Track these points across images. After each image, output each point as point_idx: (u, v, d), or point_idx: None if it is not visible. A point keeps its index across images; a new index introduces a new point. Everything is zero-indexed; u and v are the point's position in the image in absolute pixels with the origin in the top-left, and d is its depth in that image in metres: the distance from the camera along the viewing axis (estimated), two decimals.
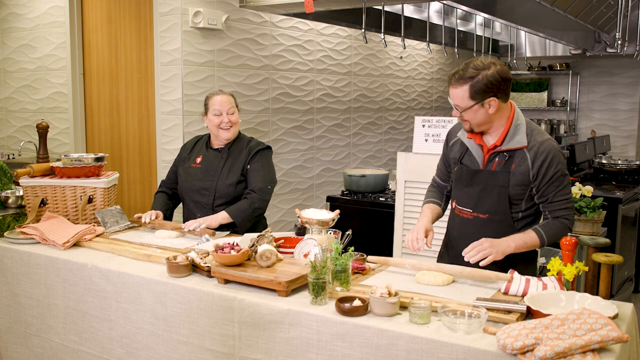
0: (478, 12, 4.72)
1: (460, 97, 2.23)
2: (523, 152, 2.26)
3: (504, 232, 2.29)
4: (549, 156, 2.24)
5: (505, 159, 2.29)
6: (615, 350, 1.60)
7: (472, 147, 2.37)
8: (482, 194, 2.34)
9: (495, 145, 2.29)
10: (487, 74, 2.18)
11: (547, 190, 2.26)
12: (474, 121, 2.27)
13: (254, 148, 3.03)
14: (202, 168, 3.03)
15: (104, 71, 4.62)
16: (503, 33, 7.38)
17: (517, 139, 2.26)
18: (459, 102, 2.25)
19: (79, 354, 2.53)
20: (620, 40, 4.42)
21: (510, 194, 2.29)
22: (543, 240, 2.26)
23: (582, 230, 3.77)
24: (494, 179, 2.30)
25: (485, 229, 2.33)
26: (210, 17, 4.07)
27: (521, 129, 2.28)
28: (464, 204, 2.41)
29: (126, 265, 2.41)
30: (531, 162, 2.24)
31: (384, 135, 6.23)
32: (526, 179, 2.26)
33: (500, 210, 2.32)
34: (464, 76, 2.20)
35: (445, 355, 1.69)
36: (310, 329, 1.91)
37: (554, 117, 7.88)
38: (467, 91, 2.21)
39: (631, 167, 5.35)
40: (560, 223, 2.28)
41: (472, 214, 2.38)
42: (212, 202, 2.97)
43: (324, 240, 2.30)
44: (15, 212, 3.12)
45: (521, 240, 2.24)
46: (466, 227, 2.40)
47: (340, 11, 4.81)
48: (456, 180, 2.45)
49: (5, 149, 5.24)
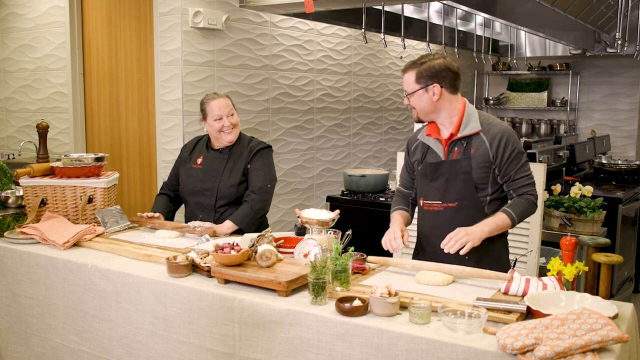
0: (478, 12, 4.72)
1: (407, 81, 2.40)
2: (479, 136, 2.38)
3: (474, 217, 2.36)
4: (504, 136, 2.36)
5: (463, 146, 2.39)
6: (615, 350, 1.61)
7: (432, 143, 2.47)
8: (447, 183, 2.42)
9: (452, 134, 2.41)
10: (433, 62, 2.36)
11: (508, 169, 2.37)
12: (419, 107, 2.40)
13: (254, 147, 3.02)
14: (203, 169, 3.02)
15: (104, 71, 4.62)
16: (503, 33, 7.37)
17: (471, 126, 2.38)
18: (407, 87, 2.41)
19: (79, 354, 2.53)
20: (620, 40, 4.41)
21: (475, 177, 2.38)
22: (513, 219, 2.35)
23: (582, 230, 3.77)
24: (457, 166, 2.40)
25: (457, 217, 2.40)
26: (210, 17, 4.07)
27: (473, 117, 2.41)
28: (431, 197, 2.47)
29: (126, 265, 2.41)
30: (489, 144, 2.36)
31: (384, 135, 6.23)
32: (487, 160, 2.36)
33: (467, 195, 2.40)
34: (414, 62, 2.40)
35: (445, 355, 1.69)
36: (310, 329, 1.91)
37: (554, 117, 7.88)
38: (413, 75, 2.38)
39: (631, 167, 5.35)
40: (525, 200, 2.39)
41: (442, 205, 2.44)
42: (214, 203, 2.97)
43: (324, 240, 2.30)
44: (15, 212, 3.12)
45: (493, 224, 2.32)
46: (437, 220, 2.46)
47: (340, 11, 4.81)
48: (422, 178, 2.52)
49: (5, 149, 5.24)
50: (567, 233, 3.66)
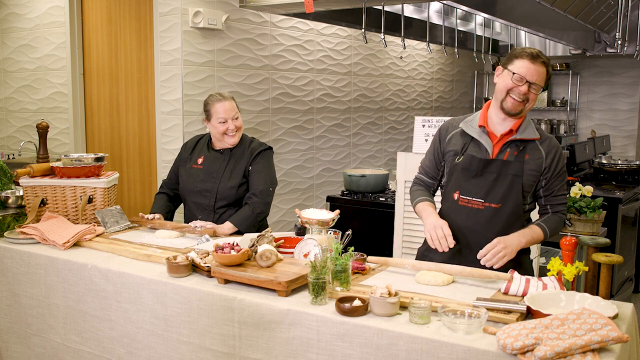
0: (478, 12, 4.72)
1: (543, 76, 2.30)
2: (535, 144, 2.35)
3: (513, 222, 2.33)
4: (559, 151, 2.37)
5: (518, 150, 2.34)
6: (615, 350, 1.61)
7: (481, 137, 2.37)
8: (495, 183, 2.34)
9: (510, 130, 2.33)
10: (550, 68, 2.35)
11: (554, 184, 2.37)
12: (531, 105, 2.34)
13: (255, 149, 3.01)
14: (203, 169, 3.01)
15: (104, 71, 4.62)
16: (503, 33, 7.37)
17: (529, 130, 2.35)
18: (540, 81, 2.29)
19: (80, 354, 2.54)
20: (620, 40, 4.42)
21: (524, 183, 2.33)
22: (546, 234, 2.36)
23: (582, 230, 3.77)
24: (508, 168, 2.33)
25: (496, 219, 2.34)
26: (210, 17, 4.07)
27: (531, 124, 2.39)
28: (472, 194, 2.37)
29: (126, 265, 2.42)
30: (545, 154, 2.34)
31: (384, 135, 6.23)
32: (539, 169, 2.34)
33: (512, 199, 2.33)
34: (546, 61, 2.31)
35: (445, 355, 1.69)
36: (310, 329, 1.91)
37: (554, 117, 7.88)
38: (546, 73, 2.31)
39: (631, 167, 5.35)
40: (559, 218, 2.40)
41: (484, 204, 2.35)
42: (213, 204, 2.96)
43: (324, 240, 2.30)
44: (15, 212, 3.12)
45: (529, 236, 2.31)
46: (476, 218, 2.36)
47: (340, 11, 4.81)
48: (463, 170, 2.39)
49: (5, 149, 5.24)
50: (567, 233, 3.66)
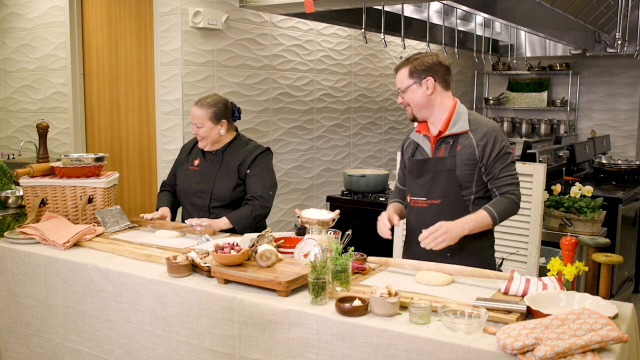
0: (478, 12, 4.72)
1: (400, 78, 2.45)
2: (467, 134, 2.43)
3: (458, 214, 2.38)
4: (492, 135, 2.40)
5: (450, 144, 2.44)
6: (615, 350, 1.60)
7: (420, 140, 2.53)
8: (432, 180, 2.46)
9: (440, 131, 2.45)
10: (426, 58, 2.43)
11: (494, 167, 2.40)
12: (413, 102, 2.44)
13: (251, 151, 2.99)
14: (199, 171, 3.03)
15: (104, 71, 4.62)
16: (503, 33, 7.37)
17: (459, 125, 2.43)
18: (400, 84, 2.46)
19: (79, 354, 2.53)
20: (620, 40, 4.41)
21: (459, 175, 2.41)
22: (494, 217, 2.36)
23: (582, 230, 3.77)
24: (442, 164, 2.44)
25: (440, 214, 2.42)
26: (210, 17, 4.07)
27: (463, 116, 2.45)
28: (417, 193, 2.52)
29: (126, 265, 2.41)
30: (476, 142, 2.40)
31: (384, 135, 6.23)
32: (473, 158, 2.40)
33: (451, 193, 2.43)
34: (406, 60, 2.46)
35: (445, 355, 1.69)
36: (310, 329, 1.91)
37: (554, 117, 7.88)
38: (406, 71, 2.43)
39: (631, 167, 5.35)
40: (507, 199, 2.40)
41: (427, 202, 2.49)
42: (208, 205, 2.97)
43: (324, 240, 2.30)
44: (15, 212, 3.12)
45: (474, 222, 2.34)
46: (422, 216, 2.50)
47: (340, 11, 4.81)
48: (409, 174, 2.58)
49: (5, 149, 5.24)
50: (567, 233, 3.66)
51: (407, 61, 2.45)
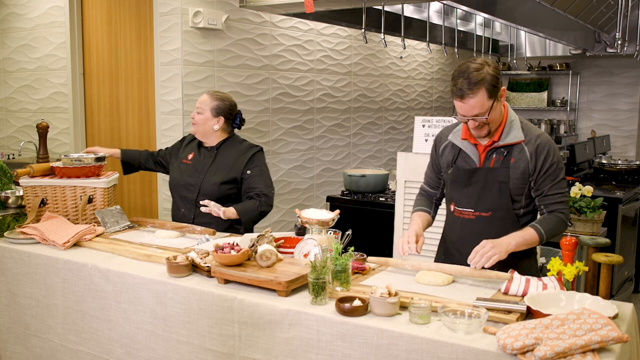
0: (478, 12, 4.72)
1: (480, 103, 2.17)
2: (521, 146, 2.29)
3: (507, 228, 2.28)
4: (546, 148, 2.27)
5: (503, 155, 2.30)
6: (615, 350, 1.60)
7: (466, 147, 2.37)
8: (482, 191, 2.33)
9: (493, 141, 2.30)
10: (489, 69, 2.18)
11: (543, 183, 2.28)
12: (495, 120, 2.25)
13: (246, 150, 3.04)
14: (191, 165, 3.09)
15: (104, 71, 4.62)
16: (503, 33, 7.37)
17: (513, 134, 2.29)
18: (481, 109, 2.18)
19: (79, 354, 2.53)
20: (620, 40, 4.41)
21: (511, 188, 2.29)
22: (542, 235, 2.26)
23: (582, 230, 3.77)
24: (494, 175, 2.31)
25: (489, 227, 2.32)
26: (210, 17, 4.07)
27: (516, 124, 2.31)
28: (463, 204, 2.39)
29: (126, 265, 2.41)
30: (530, 155, 2.27)
31: (384, 135, 6.23)
32: (526, 172, 2.28)
33: (502, 206, 2.32)
34: (473, 82, 2.15)
35: (445, 355, 1.69)
36: (310, 329, 1.91)
37: (554, 117, 7.88)
38: (484, 94, 2.16)
39: (631, 167, 5.35)
40: (556, 217, 2.29)
41: (474, 214, 2.36)
42: (195, 198, 3.00)
43: (324, 240, 2.30)
44: (15, 212, 3.12)
45: (520, 238, 2.23)
46: (468, 228, 2.38)
47: (340, 11, 4.81)
48: (452, 182, 2.42)
49: (5, 149, 5.23)
50: (567, 233, 3.66)
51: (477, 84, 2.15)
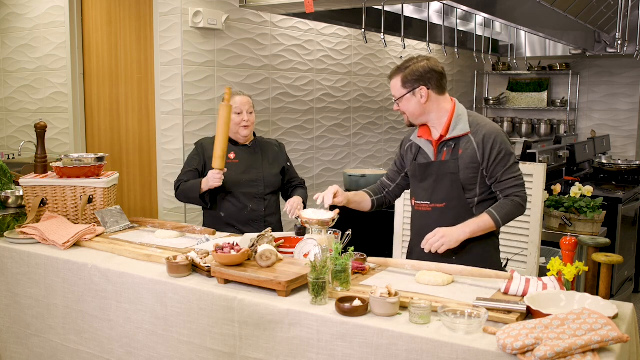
0: (478, 12, 4.72)
1: (394, 87, 2.43)
2: (468, 137, 2.40)
3: (462, 218, 2.38)
4: (492, 137, 2.37)
5: (452, 147, 2.41)
6: (615, 350, 1.61)
7: (422, 144, 2.50)
8: (435, 184, 2.45)
9: (441, 135, 2.43)
10: (417, 65, 2.38)
11: (495, 170, 2.37)
12: (409, 111, 2.43)
13: (279, 144, 3.37)
14: (240, 162, 3.18)
15: (104, 71, 4.62)
16: (503, 33, 7.37)
17: (460, 127, 2.41)
18: (394, 93, 2.44)
19: (79, 354, 2.53)
20: (620, 40, 4.41)
21: (462, 178, 2.40)
22: (497, 220, 2.35)
23: (582, 230, 3.77)
24: (445, 167, 2.42)
25: (444, 217, 2.42)
26: (210, 17, 4.07)
27: (463, 118, 2.42)
28: (421, 197, 2.51)
29: (126, 265, 2.42)
30: (477, 145, 2.37)
31: (384, 135, 6.23)
32: (474, 161, 2.37)
33: (455, 196, 2.42)
34: (398, 68, 2.42)
35: (445, 355, 1.69)
36: (310, 329, 1.91)
37: (554, 117, 7.88)
38: (398, 81, 2.41)
39: (631, 167, 5.35)
40: (512, 201, 2.37)
41: (430, 205, 2.48)
42: (263, 192, 3.18)
43: (324, 240, 2.31)
44: (15, 212, 3.12)
45: (475, 225, 2.34)
46: (426, 220, 2.49)
47: (340, 11, 4.81)
48: (412, 178, 2.57)
49: (5, 149, 5.23)
50: (567, 233, 3.66)
51: (399, 70, 2.41)
